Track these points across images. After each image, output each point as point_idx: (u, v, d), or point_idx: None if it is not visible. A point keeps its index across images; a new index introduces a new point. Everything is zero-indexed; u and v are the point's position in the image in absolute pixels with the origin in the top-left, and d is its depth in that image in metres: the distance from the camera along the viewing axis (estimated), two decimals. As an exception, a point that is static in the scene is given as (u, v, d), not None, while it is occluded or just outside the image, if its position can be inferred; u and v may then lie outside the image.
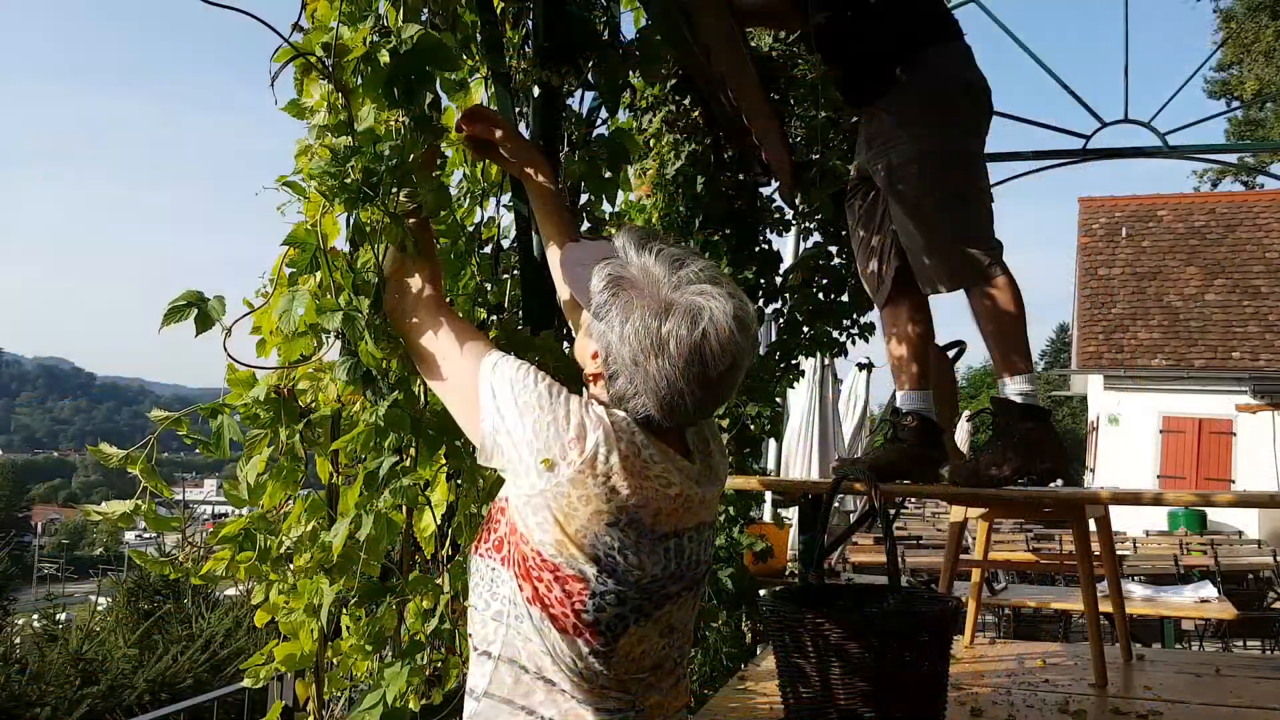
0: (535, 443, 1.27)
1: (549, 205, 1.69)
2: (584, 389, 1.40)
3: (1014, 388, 2.50)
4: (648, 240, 1.34)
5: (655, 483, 1.31)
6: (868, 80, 2.67)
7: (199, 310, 1.38)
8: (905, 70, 2.55)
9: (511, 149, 1.69)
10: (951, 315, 3.00)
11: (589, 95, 2.03)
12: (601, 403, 1.34)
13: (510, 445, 1.30)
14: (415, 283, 1.48)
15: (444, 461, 1.67)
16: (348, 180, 1.38)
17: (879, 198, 2.69)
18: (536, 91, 1.87)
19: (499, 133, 1.68)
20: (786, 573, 5.18)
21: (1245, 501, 3.49)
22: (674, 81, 3.28)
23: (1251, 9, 21.43)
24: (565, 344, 1.81)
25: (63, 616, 7.08)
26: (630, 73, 2.06)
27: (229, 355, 1.43)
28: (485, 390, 1.34)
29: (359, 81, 1.42)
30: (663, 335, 1.26)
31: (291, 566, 1.56)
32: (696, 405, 1.30)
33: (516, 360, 1.36)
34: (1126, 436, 16.48)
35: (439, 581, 1.71)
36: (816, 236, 3.82)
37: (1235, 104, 22.68)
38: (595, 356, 1.33)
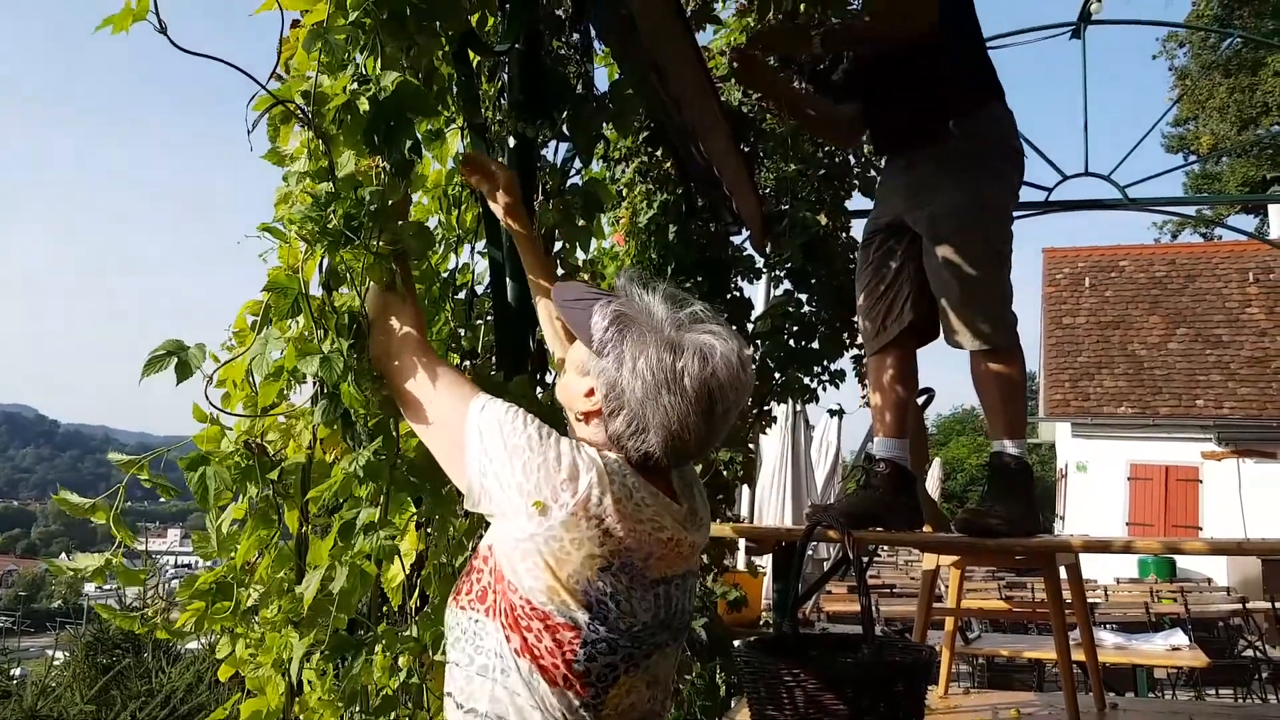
0: (525, 485, 1.25)
1: (537, 250, 1.73)
2: (567, 430, 1.39)
3: (1017, 449, 2.56)
4: (648, 282, 1.36)
5: (648, 525, 1.29)
6: (912, 132, 2.68)
7: (179, 359, 1.36)
8: (957, 125, 2.58)
9: (507, 203, 1.70)
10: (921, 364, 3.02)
11: (563, 146, 2.06)
12: (592, 444, 1.33)
13: (499, 488, 1.27)
14: (399, 325, 1.45)
15: (414, 510, 1.65)
16: (329, 225, 1.37)
17: (899, 249, 2.71)
18: (512, 142, 1.89)
19: (499, 181, 1.69)
20: (761, 622, 5.14)
21: (1214, 549, 3.51)
22: (646, 133, 3.33)
23: (1205, 67, 22.11)
24: (539, 389, 1.80)
25: (17, 672, 6.87)
26: (603, 125, 2.09)
27: (211, 404, 1.41)
28: (472, 433, 1.31)
29: (338, 129, 1.43)
30: (677, 370, 1.28)
31: (258, 619, 1.52)
32: (699, 443, 1.31)
33: (504, 403, 1.34)
34: (1095, 484, 16.62)
35: (409, 633, 1.68)
36: (787, 284, 3.86)
37: (1192, 158, 23.28)
38: (590, 394, 1.33)
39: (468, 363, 1.91)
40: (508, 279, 1.86)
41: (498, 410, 1.32)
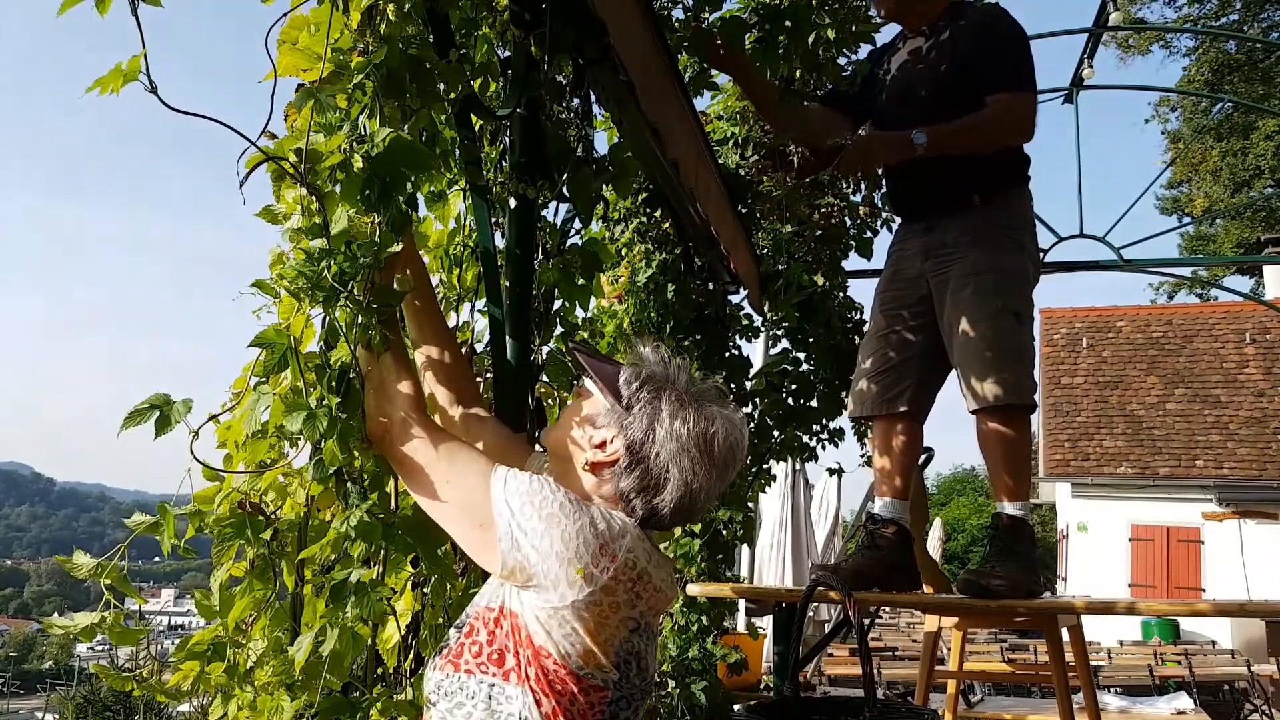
0: (565, 553, 1.26)
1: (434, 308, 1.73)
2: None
3: (1020, 511, 2.56)
4: (669, 355, 1.44)
5: (665, 588, 1.38)
6: (939, 200, 2.73)
7: (160, 413, 1.35)
8: (983, 199, 2.66)
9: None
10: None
11: (563, 207, 2.09)
12: (600, 497, 1.37)
13: (538, 558, 1.27)
14: (399, 397, 1.44)
15: (410, 570, 1.64)
16: (321, 281, 1.38)
17: (913, 321, 2.75)
18: (513, 203, 1.92)
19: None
20: (761, 685, 5.06)
21: (1216, 611, 3.49)
22: (645, 195, 3.38)
23: (1197, 131, 22.44)
24: (537, 446, 1.80)
25: (4, 735, 6.75)
26: (603, 186, 2.13)
27: (195, 459, 1.38)
28: (500, 508, 1.31)
29: (334, 187, 1.44)
30: (709, 435, 1.35)
31: (254, 681, 1.51)
32: (706, 501, 1.39)
33: (523, 473, 1.35)
34: (1096, 545, 16.48)
35: (404, 696, 1.66)
36: (785, 343, 3.88)
37: (1186, 220, 23.52)
38: (603, 446, 1.36)
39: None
40: (507, 337, 1.87)
41: (522, 482, 1.33)
